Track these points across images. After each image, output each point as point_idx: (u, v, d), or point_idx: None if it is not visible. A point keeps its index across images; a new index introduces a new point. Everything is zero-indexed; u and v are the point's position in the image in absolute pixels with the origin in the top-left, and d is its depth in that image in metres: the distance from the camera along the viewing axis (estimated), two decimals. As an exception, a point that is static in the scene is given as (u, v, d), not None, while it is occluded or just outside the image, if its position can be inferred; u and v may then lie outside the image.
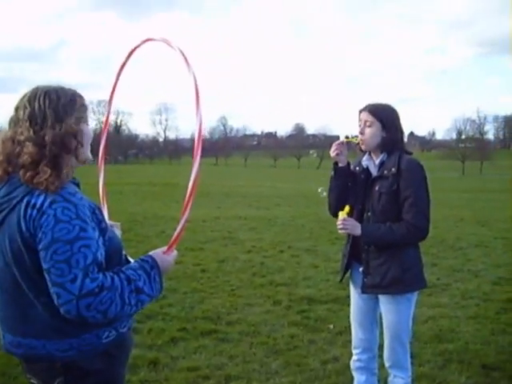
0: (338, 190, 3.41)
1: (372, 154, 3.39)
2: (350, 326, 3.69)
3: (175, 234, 2.16)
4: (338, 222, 3.27)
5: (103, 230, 1.98)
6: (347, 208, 3.27)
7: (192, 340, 5.35)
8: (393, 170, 3.22)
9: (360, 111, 3.35)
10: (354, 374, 3.62)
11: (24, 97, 2.00)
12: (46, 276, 1.84)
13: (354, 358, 3.60)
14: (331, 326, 5.75)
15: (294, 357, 4.97)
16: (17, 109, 2.00)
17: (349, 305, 3.68)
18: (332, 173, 3.43)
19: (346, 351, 4.83)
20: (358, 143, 3.34)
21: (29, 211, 1.85)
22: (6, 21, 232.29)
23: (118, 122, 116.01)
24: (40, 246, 1.83)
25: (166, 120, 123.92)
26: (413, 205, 3.19)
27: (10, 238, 1.90)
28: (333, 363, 4.81)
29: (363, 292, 3.40)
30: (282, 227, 13.69)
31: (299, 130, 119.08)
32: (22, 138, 1.93)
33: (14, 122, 1.98)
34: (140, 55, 2.53)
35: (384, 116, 3.29)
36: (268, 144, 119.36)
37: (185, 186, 2.16)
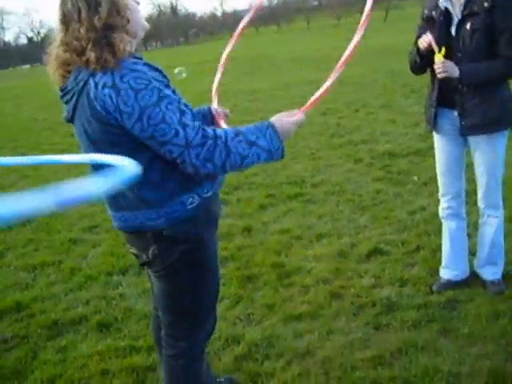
0: (422, 60, 3.33)
1: None
2: (434, 177, 3.70)
3: (314, 97, 2.11)
4: (437, 65, 3.16)
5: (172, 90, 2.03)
6: (443, 50, 3.14)
7: (280, 205, 5.56)
8: (485, 4, 3.08)
9: None
10: (444, 221, 3.68)
11: None
12: (150, 143, 1.93)
13: (444, 205, 3.64)
14: (415, 178, 5.79)
15: (381, 211, 5.08)
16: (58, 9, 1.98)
17: (431, 156, 3.67)
18: (417, 57, 3.34)
19: (433, 200, 4.88)
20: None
21: (100, 91, 1.88)
22: None
23: (174, 2, 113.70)
24: (131, 120, 1.89)
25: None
26: (510, 39, 3.11)
27: (87, 120, 1.97)
28: (420, 213, 4.89)
29: (463, 135, 3.36)
30: (353, 86, 13.43)
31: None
32: (60, 41, 1.96)
33: (58, 23, 1.98)
34: None
35: None
36: (330, 3, 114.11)
37: (246, 57, 2.16)
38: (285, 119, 2.11)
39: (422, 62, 3.35)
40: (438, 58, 3.15)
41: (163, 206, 2.06)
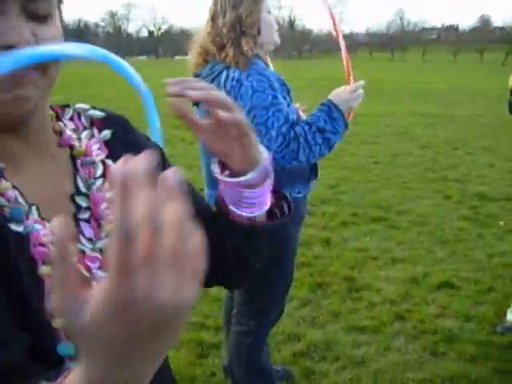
0: None
1: None
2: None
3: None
4: None
5: (288, 102, 2.33)
6: None
7: (362, 224, 5.71)
8: None
9: None
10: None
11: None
12: None
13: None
14: (501, 223, 5.77)
15: (461, 248, 5.12)
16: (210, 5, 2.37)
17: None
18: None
19: (515, 247, 4.90)
20: None
21: (229, 82, 2.23)
22: None
23: (292, 17, 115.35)
24: None
25: (341, 13, 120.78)
26: None
27: None
28: (499, 257, 4.89)
29: None
30: (459, 125, 13.27)
31: (484, 23, 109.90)
32: (206, 32, 2.33)
33: (207, 20, 2.36)
34: None
35: None
36: (448, 38, 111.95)
37: (357, 79, 2.41)
38: (340, 92, 2.36)
39: None
40: None
41: None
